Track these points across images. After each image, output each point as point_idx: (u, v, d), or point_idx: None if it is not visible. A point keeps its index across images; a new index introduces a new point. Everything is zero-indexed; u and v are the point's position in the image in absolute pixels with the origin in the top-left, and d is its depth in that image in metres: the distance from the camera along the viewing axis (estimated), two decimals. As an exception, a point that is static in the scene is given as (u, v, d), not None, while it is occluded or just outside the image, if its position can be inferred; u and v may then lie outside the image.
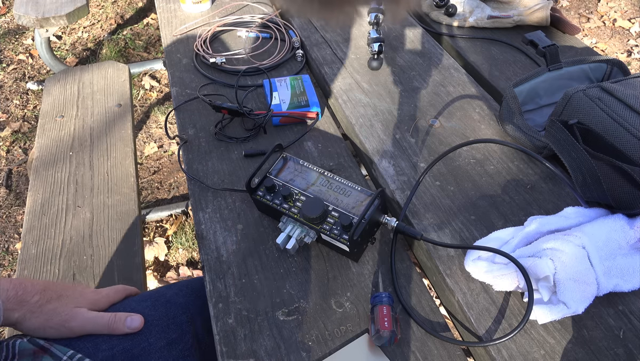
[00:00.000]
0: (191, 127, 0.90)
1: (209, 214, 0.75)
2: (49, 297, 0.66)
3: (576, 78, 0.89)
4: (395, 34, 1.11)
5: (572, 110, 0.76)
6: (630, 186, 0.64)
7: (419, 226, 0.71)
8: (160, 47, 2.77)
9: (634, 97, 0.72)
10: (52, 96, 1.57)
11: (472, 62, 1.04)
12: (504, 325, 0.60)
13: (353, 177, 0.80)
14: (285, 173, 0.73)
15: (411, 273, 0.66)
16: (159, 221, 1.89)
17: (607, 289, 0.60)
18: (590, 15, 2.94)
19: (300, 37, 1.11)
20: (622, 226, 0.63)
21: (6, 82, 2.60)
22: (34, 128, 2.30)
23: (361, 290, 0.65)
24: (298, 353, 0.59)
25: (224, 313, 0.63)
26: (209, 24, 1.16)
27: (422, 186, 0.76)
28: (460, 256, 0.66)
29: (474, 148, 0.82)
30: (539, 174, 0.77)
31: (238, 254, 0.70)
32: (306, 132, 0.88)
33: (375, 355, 0.58)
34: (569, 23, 1.09)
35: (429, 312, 0.62)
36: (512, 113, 0.82)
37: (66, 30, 2.97)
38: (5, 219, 1.93)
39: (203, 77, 1.02)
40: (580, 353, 0.57)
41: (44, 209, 1.17)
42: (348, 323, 0.61)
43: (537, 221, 0.65)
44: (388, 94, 0.94)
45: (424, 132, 0.86)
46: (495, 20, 1.11)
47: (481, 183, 0.76)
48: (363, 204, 0.67)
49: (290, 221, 0.69)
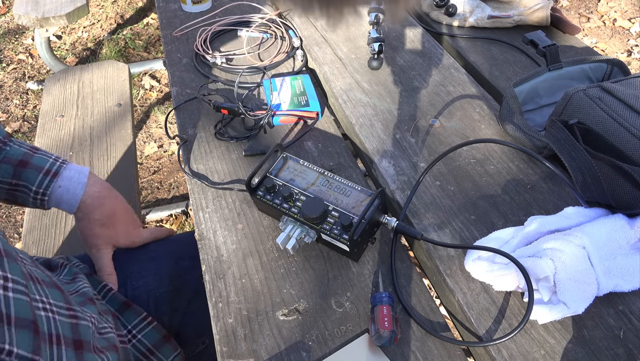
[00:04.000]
0: (191, 127, 0.90)
1: (209, 214, 0.75)
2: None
3: (576, 78, 0.89)
4: (395, 33, 1.11)
5: (573, 110, 0.76)
6: (631, 186, 0.64)
7: (419, 226, 0.71)
8: (160, 47, 2.77)
9: (635, 97, 0.72)
10: (52, 96, 1.57)
11: (472, 62, 1.04)
12: (504, 325, 0.59)
13: (353, 177, 0.80)
14: (285, 173, 0.73)
15: (411, 273, 0.66)
16: (159, 221, 1.89)
17: (608, 289, 0.60)
18: (590, 15, 2.94)
19: (300, 37, 1.11)
20: (622, 226, 0.63)
21: (6, 82, 2.60)
22: (34, 128, 2.30)
23: (361, 290, 0.65)
24: (298, 353, 0.59)
25: (224, 313, 0.63)
26: (209, 24, 1.16)
27: (422, 186, 0.76)
28: (460, 256, 0.66)
29: (474, 148, 0.82)
30: (539, 174, 0.77)
31: (238, 254, 0.70)
32: (306, 132, 0.87)
33: (375, 355, 0.58)
34: (569, 23, 1.09)
35: (429, 312, 0.62)
36: (512, 113, 0.82)
37: (66, 30, 2.97)
38: (5, 219, 1.93)
39: (203, 77, 1.02)
40: (580, 353, 0.57)
41: (44, 209, 1.17)
42: (348, 323, 0.61)
43: (537, 221, 0.65)
44: (388, 93, 0.94)
45: (424, 132, 0.86)
46: (496, 20, 1.11)
47: (481, 182, 0.76)
48: (363, 204, 0.67)
49: (291, 221, 0.69)
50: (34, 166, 0.70)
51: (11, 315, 0.45)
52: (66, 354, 0.51)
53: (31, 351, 0.46)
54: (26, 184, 0.68)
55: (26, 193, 0.70)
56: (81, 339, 0.55)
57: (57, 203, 0.73)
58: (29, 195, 0.70)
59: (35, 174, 0.69)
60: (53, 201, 0.72)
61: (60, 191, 0.72)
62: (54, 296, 0.54)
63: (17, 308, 0.46)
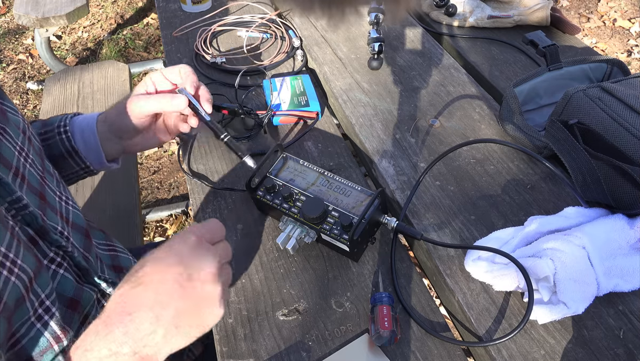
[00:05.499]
0: (191, 127, 0.90)
1: (209, 214, 0.75)
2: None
3: (576, 78, 0.89)
4: (395, 33, 1.11)
5: (572, 110, 0.76)
6: (630, 186, 0.64)
7: (419, 226, 0.71)
8: (160, 47, 2.77)
9: (634, 97, 0.72)
10: (52, 96, 1.57)
11: (472, 62, 1.04)
12: (504, 325, 0.59)
13: (353, 177, 0.80)
14: (285, 173, 0.73)
15: (411, 273, 0.66)
16: (159, 221, 1.89)
17: (607, 289, 0.60)
18: (590, 15, 2.94)
19: (300, 37, 1.11)
20: (622, 226, 0.63)
21: (6, 82, 2.60)
22: (34, 128, 2.30)
23: (361, 290, 0.65)
24: (298, 353, 0.59)
25: (224, 313, 0.63)
26: (209, 24, 1.16)
27: (422, 186, 0.76)
28: (460, 256, 0.66)
29: (474, 148, 0.82)
30: (539, 174, 0.77)
31: (238, 254, 0.70)
32: (306, 132, 0.87)
33: (375, 355, 0.58)
34: (569, 23, 1.09)
35: (429, 312, 0.62)
36: (512, 113, 0.82)
37: (66, 30, 2.97)
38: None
39: (203, 77, 1.02)
40: (580, 353, 0.57)
41: (44, 209, 1.16)
42: (348, 323, 0.61)
43: (537, 221, 0.65)
44: (388, 93, 0.94)
45: (424, 132, 0.86)
46: (496, 20, 1.11)
47: (481, 182, 0.76)
48: (363, 204, 0.67)
49: (291, 221, 0.69)
50: (54, 116, 0.80)
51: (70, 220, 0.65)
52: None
53: (82, 247, 0.64)
54: (52, 126, 0.76)
55: (52, 134, 0.75)
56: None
57: (80, 131, 0.76)
58: (54, 133, 0.75)
59: (56, 116, 0.79)
60: (77, 131, 0.75)
61: (78, 120, 0.77)
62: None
63: (74, 217, 0.66)
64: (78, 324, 0.59)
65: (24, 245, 0.52)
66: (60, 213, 0.62)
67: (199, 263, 0.50)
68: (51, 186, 0.64)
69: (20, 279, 0.49)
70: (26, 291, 0.50)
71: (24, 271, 0.50)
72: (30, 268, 0.51)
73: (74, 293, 0.59)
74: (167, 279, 0.49)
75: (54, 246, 0.58)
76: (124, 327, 0.47)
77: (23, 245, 0.52)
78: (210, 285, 0.50)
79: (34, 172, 0.61)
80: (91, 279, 0.63)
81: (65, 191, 0.68)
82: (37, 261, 0.53)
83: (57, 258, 0.58)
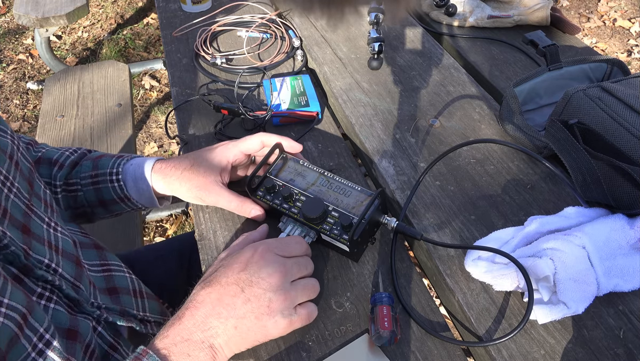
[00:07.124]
0: (191, 127, 0.90)
1: (209, 214, 0.75)
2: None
3: (576, 78, 0.89)
4: (395, 33, 1.11)
5: (572, 110, 0.76)
6: (630, 186, 0.64)
7: (419, 226, 0.71)
8: (160, 47, 2.77)
9: (634, 97, 0.72)
10: (52, 96, 1.57)
11: (472, 62, 1.04)
12: (504, 325, 0.59)
13: (353, 177, 0.80)
14: (285, 173, 0.73)
15: (411, 273, 0.66)
16: (159, 220, 1.89)
17: (607, 289, 0.60)
18: (590, 15, 2.94)
19: (300, 37, 1.11)
20: (622, 226, 0.63)
21: (6, 82, 2.60)
22: (34, 128, 2.30)
23: (361, 290, 0.65)
24: (298, 353, 0.59)
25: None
26: (209, 24, 1.16)
27: (422, 186, 0.76)
28: (460, 256, 0.66)
29: (474, 148, 0.82)
30: (539, 174, 0.77)
31: (238, 254, 0.70)
32: (306, 132, 0.87)
33: (375, 355, 0.58)
34: (569, 23, 1.09)
35: (429, 312, 0.62)
36: (512, 113, 0.82)
37: (66, 30, 2.97)
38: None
39: (203, 77, 1.02)
40: (580, 353, 0.57)
41: (44, 209, 1.17)
42: (348, 323, 0.61)
43: (537, 221, 0.65)
44: (388, 93, 0.94)
45: (424, 132, 0.86)
46: (496, 20, 1.11)
47: (481, 182, 0.76)
48: (363, 204, 0.67)
49: (290, 221, 0.69)
50: (108, 155, 0.78)
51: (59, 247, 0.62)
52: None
53: (73, 276, 0.61)
54: (103, 170, 0.75)
55: (104, 178, 0.74)
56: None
57: (133, 179, 0.74)
58: (106, 179, 0.74)
59: (108, 159, 0.77)
60: (129, 179, 0.74)
61: (132, 168, 0.74)
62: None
63: (63, 244, 0.62)
64: (82, 354, 0.57)
65: (11, 282, 0.50)
66: (48, 242, 0.60)
67: (261, 270, 0.56)
68: (39, 213, 0.61)
69: (10, 318, 0.47)
70: (19, 328, 0.48)
71: (13, 309, 0.48)
72: (21, 304, 0.49)
73: (70, 323, 0.57)
74: (230, 282, 0.55)
75: (40, 281, 0.56)
76: (192, 319, 0.54)
77: (10, 282, 0.50)
78: (271, 293, 0.55)
79: (18, 202, 0.58)
80: (83, 308, 0.60)
81: (55, 217, 0.64)
82: (27, 297, 0.51)
83: (45, 292, 0.56)
